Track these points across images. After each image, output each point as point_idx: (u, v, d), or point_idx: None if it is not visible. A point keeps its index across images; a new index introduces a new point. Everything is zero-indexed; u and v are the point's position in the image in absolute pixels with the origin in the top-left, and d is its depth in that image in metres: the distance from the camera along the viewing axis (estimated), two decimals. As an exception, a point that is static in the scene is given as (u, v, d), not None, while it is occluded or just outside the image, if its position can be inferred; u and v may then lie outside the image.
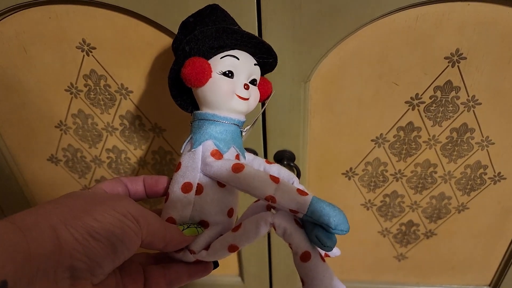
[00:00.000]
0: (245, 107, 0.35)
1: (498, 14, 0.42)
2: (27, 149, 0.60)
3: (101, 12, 0.46)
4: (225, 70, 0.34)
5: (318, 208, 0.29)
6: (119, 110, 0.54)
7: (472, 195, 0.58)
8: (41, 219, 0.25)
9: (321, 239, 0.29)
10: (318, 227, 0.30)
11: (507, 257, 0.64)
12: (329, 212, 0.29)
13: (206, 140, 0.34)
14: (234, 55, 0.35)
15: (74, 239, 0.25)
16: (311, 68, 0.46)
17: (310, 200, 0.30)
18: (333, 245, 0.30)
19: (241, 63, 0.35)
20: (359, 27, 0.44)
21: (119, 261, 0.28)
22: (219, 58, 0.35)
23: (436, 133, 0.52)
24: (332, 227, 0.29)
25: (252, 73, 0.36)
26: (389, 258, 0.67)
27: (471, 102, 0.49)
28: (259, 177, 0.31)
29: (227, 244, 0.32)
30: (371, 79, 0.48)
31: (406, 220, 0.62)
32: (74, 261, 0.25)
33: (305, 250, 0.30)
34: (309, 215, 0.30)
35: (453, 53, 0.45)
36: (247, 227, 0.31)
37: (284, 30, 0.44)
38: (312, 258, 0.30)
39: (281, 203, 0.30)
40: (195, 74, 0.33)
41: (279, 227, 0.31)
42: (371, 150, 0.54)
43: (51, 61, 0.50)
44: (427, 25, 0.44)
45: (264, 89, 0.39)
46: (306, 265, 0.30)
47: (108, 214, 0.27)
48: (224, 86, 0.34)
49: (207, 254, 0.33)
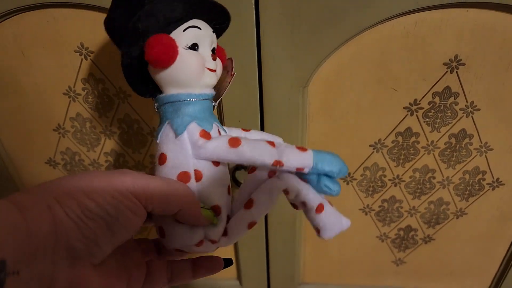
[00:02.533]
0: (214, 79, 0.34)
1: (496, 20, 0.42)
2: (25, 152, 0.59)
3: (99, 16, 0.46)
4: (191, 43, 0.31)
5: (321, 159, 0.31)
6: (117, 113, 0.54)
7: (470, 200, 0.58)
8: (38, 198, 0.25)
9: (329, 186, 0.32)
10: (322, 177, 0.32)
11: (506, 262, 0.64)
12: (331, 161, 0.31)
13: (189, 123, 0.31)
14: (196, 25, 0.32)
15: (68, 218, 0.25)
16: (310, 73, 0.46)
17: (312, 154, 0.31)
18: (339, 189, 0.32)
19: (204, 33, 0.32)
20: (358, 32, 0.43)
21: (117, 240, 0.27)
22: (182, 31, 0.31)
23: (434, 139, 0.52)
24: (336, 173, 0.31)
25: (213, 41, 0.34)
26: (388, 263, 0.67)
27: (469, 108, 0.49)
28: (259, 146, 0.31)
29: (245, 223, 0.32)
30: (369, 84, 0.48)
31: (404, 225, 0.62)
32: (71, 240, 0.25)
33: (319, 203, 0.32)
34: (314, 167, 0.31)
35: (451, 59, 0.45)
36: (261, 200, 0.32)
37: (282, 35, 0.44)
38: (325, 207, 0.32)
39: (288, 165, 0.31)
40: (163, 53, 0.30)
41: (292, 190, 0.32)
42: (369, 155, 0.54)
43: (49, 64, 0.50)
44: (426, 31, 0.44)
45: (220, 56, 0.36)
46: (321, 215, 0.32)
47: (103, 192, 0.26)
48: (194, 61, 0.31)
49: (228, 239, 0.33)
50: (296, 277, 0.68)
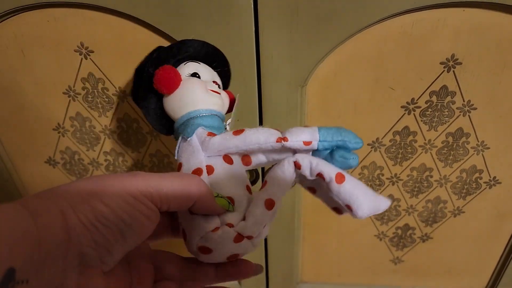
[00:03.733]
0: (219, 100, 0.37)
1: (493, 20, 0.43)
2: (25, 152, 0.60)
3: (99, 15, 0.46)
4: (192, 72, 0.37)
5: (328, 131, 0.31)
6: (117, 113, 0.54)
7: (467, 199, 0.58)
8: (51, 203, 0.24)
9: (346, 156, 0.30)
10: (337, 150, 0.31)
11: (503, 260, 0.64)
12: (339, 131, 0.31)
13: (198, 127, 0.34)
14: (195, 61, 0.38)
15: (82, 224, 0.24)
16: (308, 73, 0.47)
17: (317, 128, 0.31)
18: (357, 160, 0.31)
19: (203, 67, 0.38)
20: (356, 32, 0.44)
21: (129, 247, 0.27)
22: (183, 64, 0.37)
23: (431, 138, 0.52)
24: (348, 141, 0.30)
25: (214, 76, 0.39)
26: (385, 262, 0.68)
27: (466, 107, 0.49)
28: (262, 130, 0.32)
29: (262, 202, 0.31)
30: (367, 83, 0.48)
31: (402, 224, 0.62)
32: (83, 247, 0.24)
33: (338, 172, 0.30)
34: (323, 140, 0.31)
35: (448, 58, 0.45)
36: (273, 175, 0.32)
37: (281, 34, 0.44)
38: (347, 177, 0.30)
39: (293, 139, 0.31)
40: (168, 78, 0.35)
41: (303, 161, 0.31)
42: (367, 154, 0.54)
43: (49, 64, 0.50)
44: (423, 31, 0.44)
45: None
46: (344, 185, 0.29)
47: (117, 197, 0.25)
48: (197, 83, 0.36)
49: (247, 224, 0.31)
50: (294, 276, 0.68)
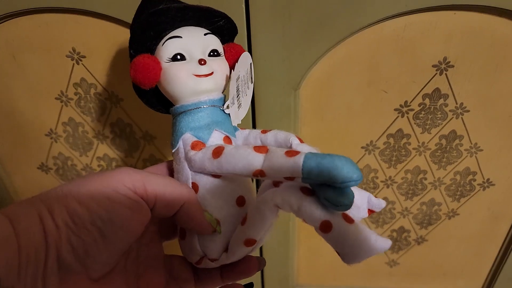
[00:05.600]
0: (210, 84, 0.31)
1: (484, 23, 0.43)
2: (17, 158, 0.59)
3: (91, 21, 0.46)
4: (172, 55, 0.31)
5: (314, 165, 0.24)
6: (110, 117, 0.54)
7: (462, 201, 0.58)
8: (30, 208, 0.23)
9: (332, 199, 0.23)
10: (324, 187, 0.24)
11: (498, 262, 0.65)
12: (329, 165, 0.23)
13: (183, 134, 0.31)
14: (175, 35, 0.31)
15: (55, 227, 0.23)
16: (301, 76, 0.47)
17: (301, 160, 0.24)
18: (350, 201, 0.24)
19: (187, 41, 0.31)
20: (348, 35, 0.44)
21: (115, 246, 0.25)
22: (161, 45, 0.31)
23: (425, 140, 0.52)
24: (340, 181, 0.23)
25: (207, 45, 0.32)
26: (381, 264, 0.67)
27: (459, 110, 0.49)
28: (240, 154, 0.27)
29: (241, 241, 0.28)
30: (360, 86, 0.48)
31: (397, 227, 0.62)
32: (60, 252, 0.23)
33: (322, 220, 0.25)
34: (306, 177, 0.24)
35: (440, 61, 0.46)
36: (251, 216, 0.28)
37: (273, 38, 0.44)
38: (334, 226, 0.24)
39: (271, 175, 0.26)
40: (140, 74, 0.30)
41: (283, 205, 0.26)
42: (361, 157, 0.54)
43: (41, 69, 0.50)
44: (415, 34, 0.44)
45: (232, 55, 0.34)
46: (331, 235, 0.25)
47: (95, 192, 0.24)
48: (178, 71, 0.31)
49: (227, 257, 0.30)
50: (290, 279, 0.68)
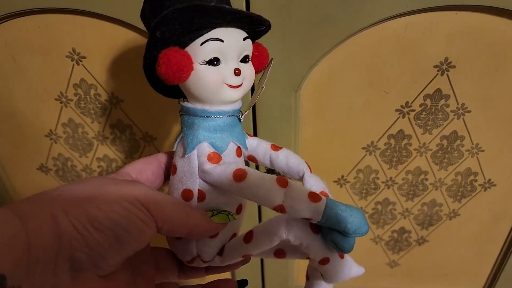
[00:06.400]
0: (238, 95, 0.31)
1: (485, 23, 0.43)
2: (17, 159, 0.59)
3: (91, 21, 0.46)
4: (208, 58, 0.28)
5: (333, 214, 0.27)
6: (110, 119, 0.53)
7: (463, 202, 0.58)
8: (41, 207, 0.23)
9: (339, 244, 0.28)
10: (334, 232, 0.28)
11: (499, 263, 0.64)
12: (346, 218, 0.27)
13: (200, 143, 0.30)
14: (218, 38, 0.28)
15: (73, 228, 0.23)
16: (302, 77, 0.47)
17: (323, 207, 0.27)
18: (351, 248, 0.28)
19: (228, 45, 0.29)
20: (349, 35, 0.44)
21: (126, 252, 0.26)
22: (199, 44, 0.28)
23: (426, 141, 0.52)
24: (350, 233, 0.27)
25: (243, 50, 0.30)
26: (382, 265, 0.67)
27: (460, 110, 0.49)
28: (264, 186, 0.28)
29: (240, 254, 0.31)
30: (361, 87, 0.48)
31: (398, 227, 0.62)
32: (74, 251, 0.23)
33: (323, 257, 0.30)
34: (323, 223, 0.27)
35: (442, 62, 0.45)
36: (260, 239, 0.30)
37: (274, 39, 0.44)
38: (331, 261, 0.30)
39: (292, 213, 0.28)
40: (172, 72, 0.28)
41: (295, 241, 0.29)
42: (362, 157, 0.54)
43: (40, 70, 0.50)
44: (416, 34, 0.44)
45: (259, 60, 0.33)
46: (325, 267, 0.30)
47: (113, 202, 0.25)
48: (210, 77, 0.29)
49: (221, 260, 0.32)
50: (290, 281, 0.68)
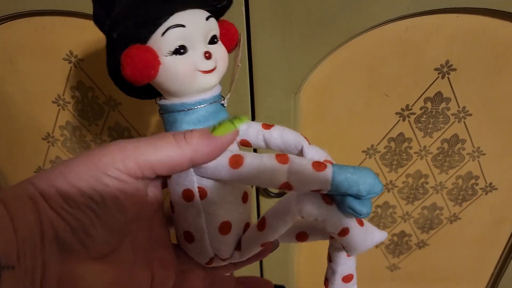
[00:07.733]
0: (214, 79, 0.28)
1: (486, 25, 0.43)
2: (14, 161, 0.59)
3: (88, 23, 0.45)
4: (173, 47, 0.26)
5: (343, 179, 0.25)
6: (107, 121, 0.53)
7: (464, 205, 0.58)
8: (20, 190, 0.23)
9: (356, 208, 0.26)
10: (348, 198, 0.26)
11: (500, 266, 0.64)
12: (356, 180, 0.25)
13: None
14: (178, 24, 0.26)
15: (50, 208, 0.23)
16: (302, 79, 0.46)
17: (331, 174, 0.26)
18: (369, 210, 0.27)
19: (191, 29, 0.26)
20: (350, 38, 0.43)
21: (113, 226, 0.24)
22: (160, 35, 0.25)
23: (427, 144, 0.52)
24: (364, 194, 0.26)
25: (209, 30, 0.28)
26: (382, 269, 0.67)
27: (461, 113, 0.49)
28: (264, 166, 0.26)
29: (258, 244, 0.30)
30: (361, 90, 0.48)
31: (398, 231, 0.62)
32: (58, 232, 0.23)
33: (342, 227, 0.28)
34: (334, 190, 0.26)
35: (443, 65, 0.45)
36: (274, 223, 0.28)
37: (274, 41, 0.43)
38: (351, 230, 0.28)
39: (300, 188, 0.26)
40: (139, 72, 0.25)
41: (309, 217, 0.28)
42: (362, 161, 0.54)
43: (37, 72, 0.49)
44: (417, 37, 0.44)
45: (228, 37, 0.30)
46: (346, 238, 0.28)
47: (86, 176, 0.23)
48: (180, 68, 0.26)
49: (241, 255, 0.30)
50: (290, 283, 0.68)
